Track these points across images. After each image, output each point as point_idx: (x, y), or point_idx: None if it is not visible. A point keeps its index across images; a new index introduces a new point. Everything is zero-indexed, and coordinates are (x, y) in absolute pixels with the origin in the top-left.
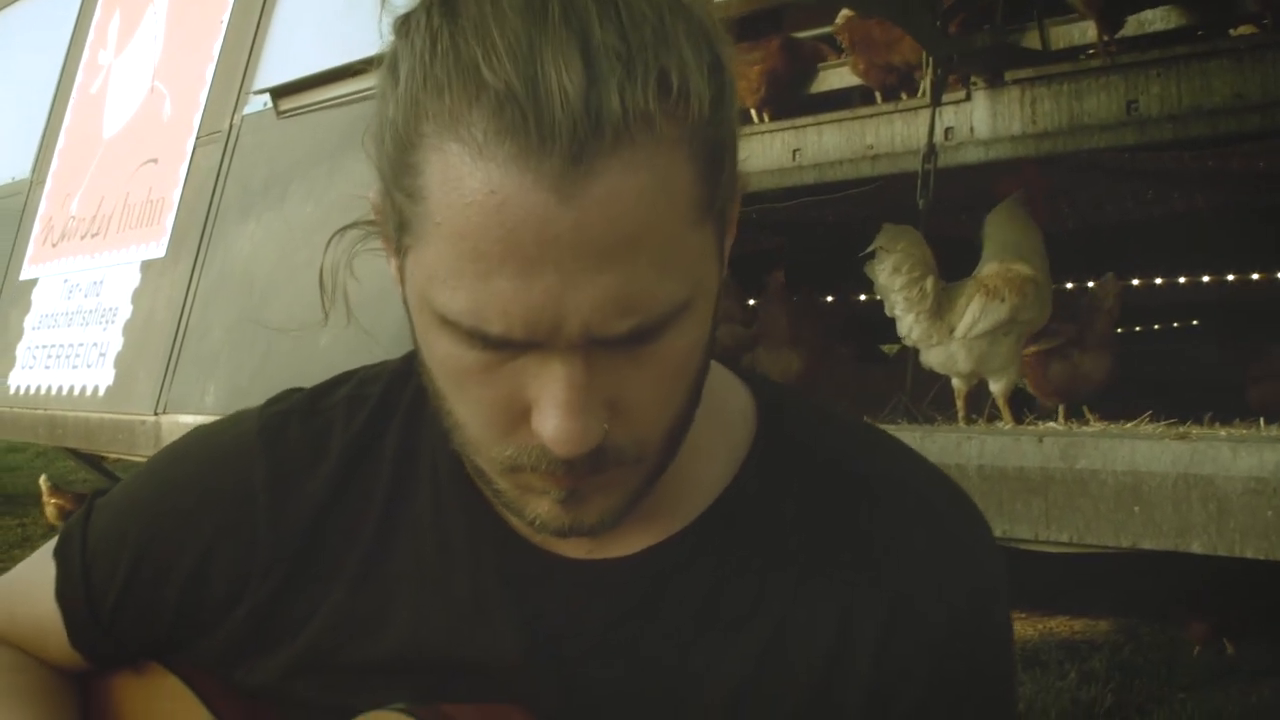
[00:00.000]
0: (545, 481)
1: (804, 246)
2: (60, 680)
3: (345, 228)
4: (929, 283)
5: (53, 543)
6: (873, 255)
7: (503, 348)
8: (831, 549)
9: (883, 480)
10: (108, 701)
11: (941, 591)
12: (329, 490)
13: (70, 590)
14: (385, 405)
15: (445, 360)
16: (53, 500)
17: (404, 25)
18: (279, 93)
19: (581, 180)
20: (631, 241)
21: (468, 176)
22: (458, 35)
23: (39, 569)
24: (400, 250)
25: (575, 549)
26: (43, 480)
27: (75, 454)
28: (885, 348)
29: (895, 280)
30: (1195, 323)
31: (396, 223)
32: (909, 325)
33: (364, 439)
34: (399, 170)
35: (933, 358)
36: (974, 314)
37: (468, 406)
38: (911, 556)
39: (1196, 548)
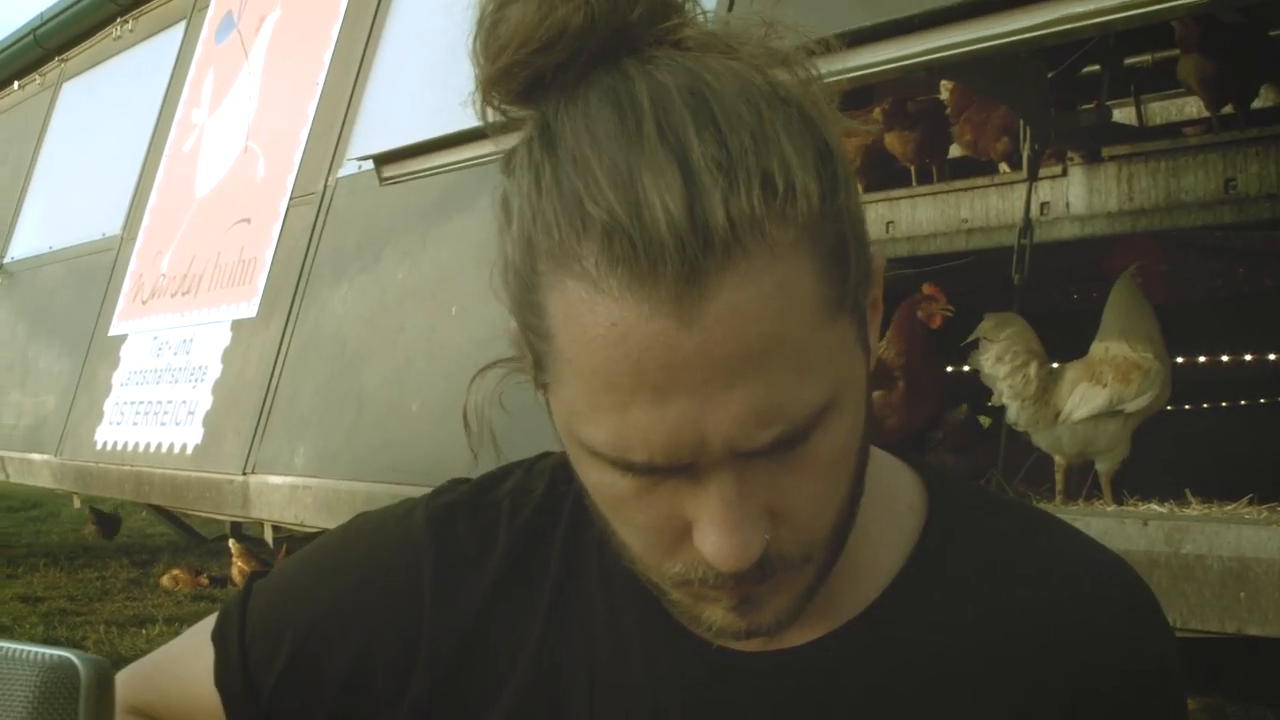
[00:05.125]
0: (716, 592)
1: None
2: None
3: (487, 367)
4: (1032, 369)
5: (207, 623)
6: (975, 344)
7: (651, 474)
8: (1008, 636)
9: (1058, 564)
10: None
11: (1124, 675)
12: (496, 586)
13: (229, 674)
14: (551, 499)
15: (599, 488)
16: (238, 563)
17: (509, 163)
18: (383, 160)
19: (698, 300)
20: (760, 353)
21: (587, 312)
22: (559, 170)
23: (194, 650)
24: (540, 385)
25: (750, 642)
26: (233, 543)
27: (156, 509)
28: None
29: (999, 369)
30: None
31: (532, 360)
32: (1016, 412)
33: (530, 533)
34: (525, 310)
35: (1041, 441)
36: (1075, 400)
37: (629, 530)
38: (1092, 642)
39: None
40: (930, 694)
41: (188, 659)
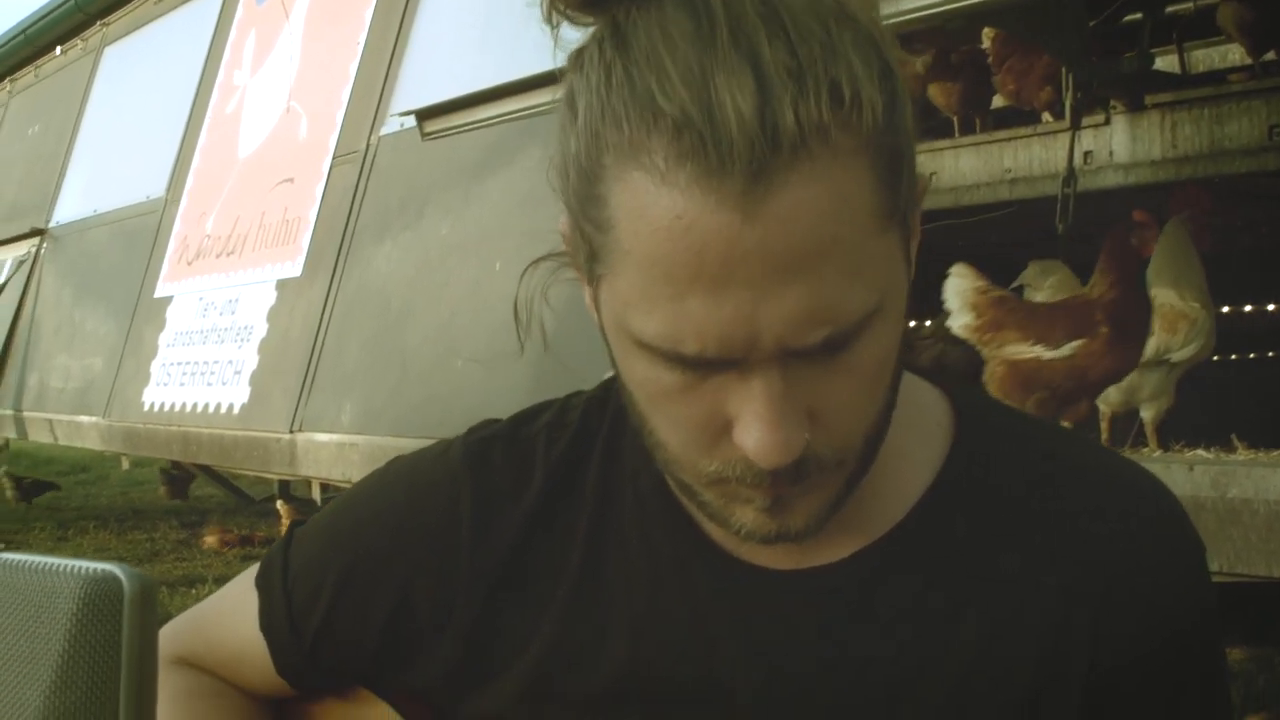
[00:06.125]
0: (751, 490)
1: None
2: (254, 706)
3: (540, 259)
4: None
5: (251, 572)
6: (1020, 290)
7: (700, 367)
8: (1037, 549)
9: (1084, 476)
10: None
11: (1156, 588)
12: (532, 517)
13: (272, 618)
14: (585, 431)
15: (644, 383)
16: (287, 523)
17: (577, 59)
18: (424, 115)
19: (763, 197)
20: (818, 253)
21: (652, 204)
22: (630, 66)
23: (238, 598)
24: (593, 279)
25: (781, 560)
26: (281, 504)
27: (205, 471)
28: None
29: None
30: None
31: (587, 253)
32: None
33: (565, 465)
34: (585, 202)
35: None
36: None
37: (669, 426)
38: (1123, 554)
39: None
40: (962, 608)
41: (232, 609)
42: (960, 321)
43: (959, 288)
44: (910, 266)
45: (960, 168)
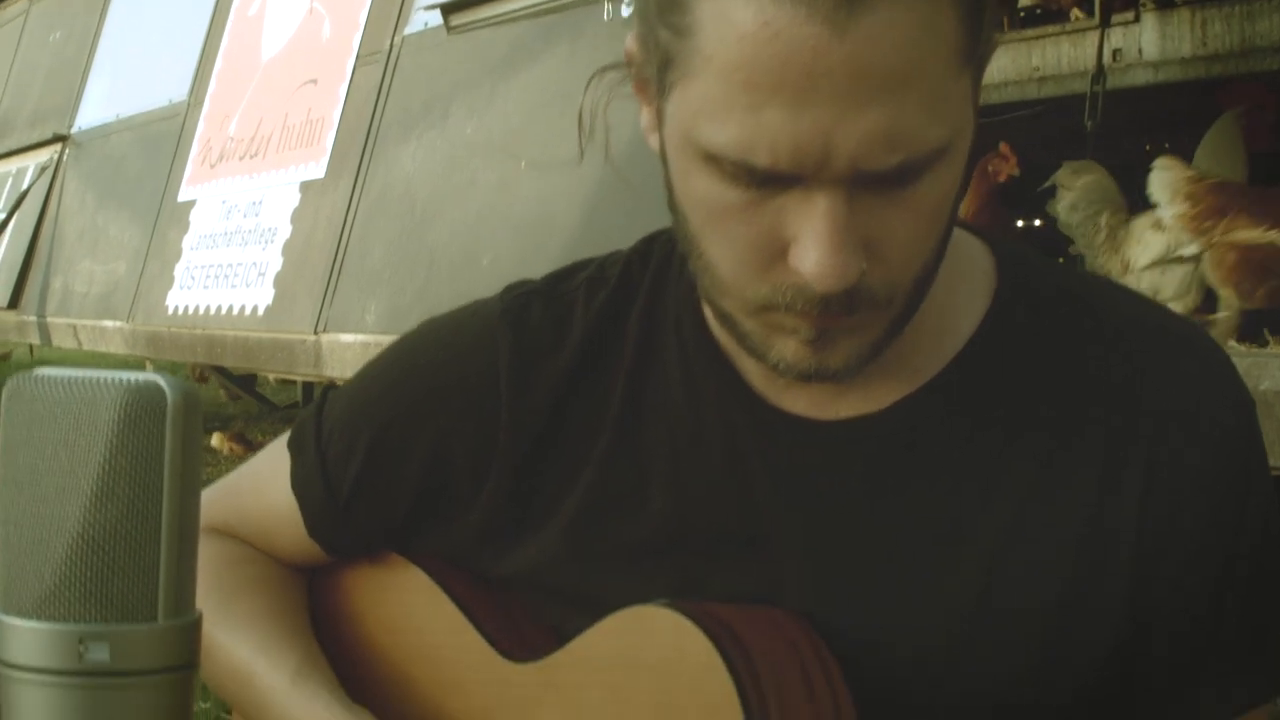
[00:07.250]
0: (797, 320)
1: None
2: (287, 573)
3: (605, 68)
4: (1104, 218)
5: (284, 437)
6: (1052, 191)
7: (767, 182)
8: (1084, 395)
9: (1128, 321)
10: (342, 595)
11: (1204, 416)
12: (572, 370)
13: (306, 478)
14: (626, 285)
15: (705, 198)
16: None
17: None
18: (450, 9)
19: (854, 14)
20: (901, 78)
21: (740, 9)
22: None
23: (271, 463)
24: (663, 89)
25: (824, 409)
26: None
27: (225, 374)
28: None
29: (1074, 217)
30: None
31: (660, 61)
32: (1090, 261)
33: (606, 319)
34: (666, 7)
35: None
36: (1140, 248)
37: (724, 246)
38: (1169, 387)
39: None
40: (1009, 452)
41: (266, 474)
42: (1174, 211)
43: (1167, 180)
44: (976, 115)
45: (989, 67)
